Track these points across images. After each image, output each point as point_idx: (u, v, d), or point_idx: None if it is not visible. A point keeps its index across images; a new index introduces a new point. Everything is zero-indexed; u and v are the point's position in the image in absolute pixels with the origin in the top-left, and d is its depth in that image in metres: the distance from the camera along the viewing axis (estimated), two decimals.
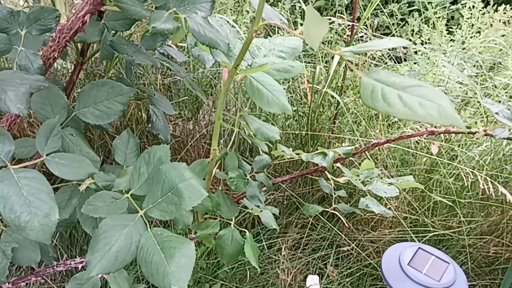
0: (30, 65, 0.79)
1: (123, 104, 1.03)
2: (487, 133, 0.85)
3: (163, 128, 1.35)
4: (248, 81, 0.90)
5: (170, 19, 0.68)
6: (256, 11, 0.69)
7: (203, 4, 0.71)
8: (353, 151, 1.03)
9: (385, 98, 0.60)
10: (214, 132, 0.91)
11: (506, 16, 2.04)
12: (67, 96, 1.20)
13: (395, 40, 0.68)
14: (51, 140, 0.75)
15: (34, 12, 0.78)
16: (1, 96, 0.66)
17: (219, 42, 0.71)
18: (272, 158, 1.09)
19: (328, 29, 0.58)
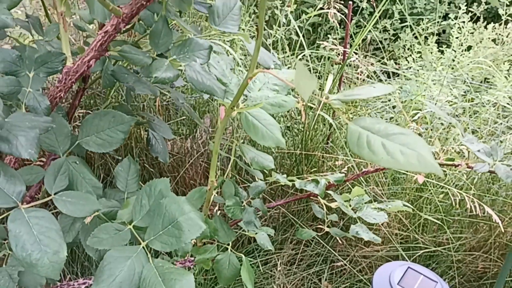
0: (38, 105, 0.84)
1: (125, 133, 1.08)
2: (469, 166, 0.90)
3: (162, 151, 1.39)
4: (244, 116, 0.95)
5: (170, 67, 0.73)
6: (251, 58, 0.74)
7: (202, 52, 0.76)
8: (344, 178, 1.08)
9: (369, 146, 0.65)
10: (212, 164, 0.96)
11: (495, 33, 2.09)
12: (69, 119, 1.25)
13: (380, 88, 0.73)
14: (59, 178, 0.80)
15: (42, 56, 0.83)
16: (13, 142, 0.71)
17: (216, 89, 0.76)
18: (267, 184, 1.14)
19: (316, 84, 0.63)
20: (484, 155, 0.84)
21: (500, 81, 1.78)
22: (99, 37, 0.76)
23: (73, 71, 0.82)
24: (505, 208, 1.54)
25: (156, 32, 0.76)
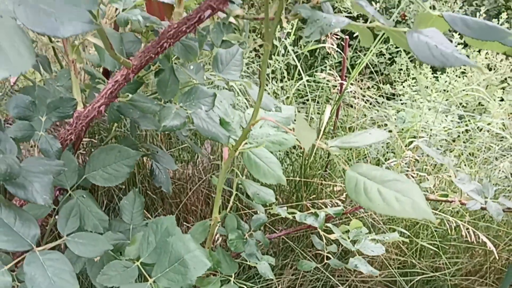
0: (50, 148, 0.88)
1: (130, 167, 1.11)
2: (462, 203, 0.94)
3: (165, 181, 1.43)
4: (246, 155, 0.99)
5: (177, 115, 0.78)
6: (254, 106, 0.78)
7: (207, 99, 0.80)
8: (343, 211, 1.12)
9: (366, 193, 0.69)
10: (216, 201, 1.00)
11: (488, 60, 2.15)
12: (74, 151, 1.29)
13: (375, 135, 0.77)
14: (71, 221, 0.84)
15: (54, 102, 0.87)
16: (28, 188, 0.75)
17: (220, 136, 0.80)
18: (268, 217, 1.17)
19: (316, 135, 0.67)
20: (476, 194, 0.88)
21: (494, 107, 1.83)
22: (109, 86, 0.81)
23: (84, 115, 0.86)
24: (499, 233, 1.58)
25: (163, 81, 0.80)
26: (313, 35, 0.58)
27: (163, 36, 0.73)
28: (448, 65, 0.54)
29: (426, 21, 0.67)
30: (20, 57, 0.46)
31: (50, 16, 0.50)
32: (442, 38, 0.57)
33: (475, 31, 0.60)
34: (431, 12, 0.65)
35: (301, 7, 0.63)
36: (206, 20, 0.70)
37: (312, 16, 0.60)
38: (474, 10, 2.75)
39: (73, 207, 0.86)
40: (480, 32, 0.60)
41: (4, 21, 0.48)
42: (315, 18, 0.59)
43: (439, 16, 0.64)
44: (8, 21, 0.48)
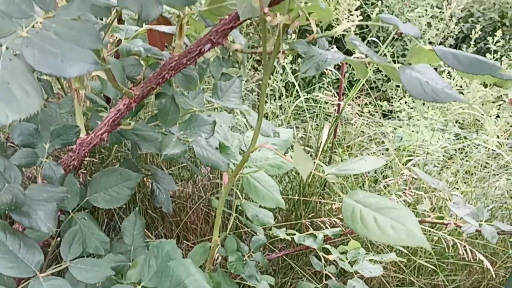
0: (53, 174, 0.90)
1: (131, 189, 1.13)
2: (457, 225, 0.96)
3: (165, 201, 1.45)
4: (246, 178, 1.01)
5: (178, 143, 0.80)
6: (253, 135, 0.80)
7: (206, 127, 0.83)
8: (341, 232, 1.14)
9: (362, 220, 0.71)
10: (216, 224, 1.01)
11: None
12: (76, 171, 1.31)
13: (371, 162, 0.79)
14: (74, 246, 0.85)
15: (57, 129, 0.89)
16: (33, 216, 0.76)
17: (220, 163, 0.82)
18: (268, 238, 1.19)
19: (313, 165, 0.69)
20: (471, 217, 0.90)
21: (490, 124, 1.86)
22: (112, 114, 0.83)
23: (87, 142, 0.88)
24: (496, 250, 1.59)
25: (164, 110, 0.82)
26: (309, 71, 0.60)
27: (164, 67, 0.76)
28: (439, 101, 0.56)
29: (418, 54, 0.69)
30: (29, 99, 0.48)
31: (56, 57, 0.52)
32: (433, 74, 0.59)
33: (466, 66, 0.63)
34: (423, 47, 0.67)
35: (297, 42, 0.66)
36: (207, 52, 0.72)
37: (309, 52, 0.62)
38: (469, 27, 2.78)
39: (76, 233, 0.87)
40: (470, 67, 0.62)
41: (14, 64, 0.50)
42: (311, 54, 0.61)
43: (430, 50, 0.67)
44: (17, 64, 0.50)
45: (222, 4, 0.70)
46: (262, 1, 0.58)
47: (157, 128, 0.84)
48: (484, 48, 2.60)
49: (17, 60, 0.50)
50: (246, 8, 0.61)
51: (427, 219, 1.01)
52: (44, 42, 0.53)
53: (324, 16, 0.72)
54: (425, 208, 1.05)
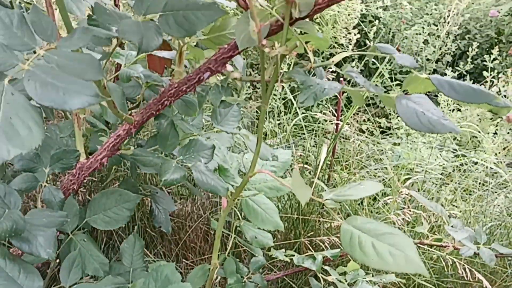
0: (53, 199, 0.90)
1: (130, 210, 1.13)
2: (456, 248, 0.96)
3: (164, 221, 1.45)
4: (245, 201, 1.01)
5: (177, 168, 0.80)
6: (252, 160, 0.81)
7: (205, 151, 0.83)
8: (340, 253, 1.14)
9: (361, 247, 0.71)
10: (215, 247, 1.02)
11: None
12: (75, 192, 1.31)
13: (369, 188, 0.80)
14: (73, 271, 0.86)
15: (58, 153, 0.90)
16: (33, 242, 0.77)
17: (219, 188, 0.82)
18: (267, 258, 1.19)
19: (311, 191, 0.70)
20: (469, 241, 0.90)
21: (488, 142, 1.87)
22: (112, 140, 0.83)
23: (87, 167, 0.89)
24: (496, 269, 1.59)
25: (164, 135, 0.83)
26: (307, 101, 0.61)
27: (164, 94, 0.77)
28: (435, 132, 0.57)
29: (415, 82, 0.70)
30: (30, 134, 0.48)
31: (58, 90, 0.53)
32: (429, 104, 0.60)
33: (461, 95, 0.63)
34: (419, 75, 0.68)
35: (295, 72, 0.67)
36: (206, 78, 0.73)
37: (306, 82, 0.63)
38: (466, 43, 2.81)
39: (75, 258, 0.88)
40: (466, 96, 0.63)
41: (16, 98, 0.51)
42: (308, 84, 0.62)
43: (426, 79, 0.68)
44: (19, 98, 0.51)
45: (221, 33, 0.71)
46: (260, 34, 0.59)
47: (156, 152, 0.85)
48: (481, 64, 2.62)
49: (19, 94, 0.51)
50: (245, 38, 0.62)
51: (425, 241, 1.02)
52: (46, 75, 0.54)
53: (321, 44, 0.73)
54: (423, 230, 1.06)
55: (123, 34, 0.62)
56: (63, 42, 0.61)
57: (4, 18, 0.57)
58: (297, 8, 0.62)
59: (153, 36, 0.64)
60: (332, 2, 0.62)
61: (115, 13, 0.70)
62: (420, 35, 2.65)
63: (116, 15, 0.69)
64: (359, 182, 0.81)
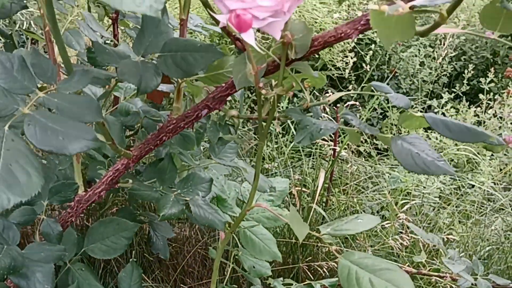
0: (51, 231, 0.90)
1: (128, 239, 1.13)
2: (453, 278, 0.96)
3: (162, 248, 1.45)
4: (242, 231, 1.02)
5: (175, 203, 0.81)
6: (250, 193, 0.82)
7: (203, 185, 0.84)
8: (338, 283, 1.14)
9: (358, 283, 0.72)
10: (213, 278, 1.02)
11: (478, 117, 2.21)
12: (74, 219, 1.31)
13: (366, 222, 0.80)
14: None
15: (56, 186, 0.90)
16: (31, 278, 0.77)
17: (217, 222, 0.83)
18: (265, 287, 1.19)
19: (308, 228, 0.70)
20: (466, 273, 0.91)
21: (484, 165, 1.87)
22: (110, 173, 0.84)
23: (85, 200, 0.89)
24: None
25: (162, 169, 0.84)
26: (304, 141, 0.62)
27: (162, 130, 0.77)
28: (430, 174, 0.58)
29: (410, 119, 0.71)
30: (30, 180, 0.49)
31: (57, 135, 0.54)
32: (424, 145, 0.61)
33: (456, 134, 0.64)
34: (414, 114, 0.69)
35: (292, 110, 0.68)
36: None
37: (303, 121, 0.64)
38: (462, 64, 2.84)
39: None
40: (460, 135, 0.64)
41: (16, 144, 0.51)
42: (305, 124, 0.63)
43: (421, 117, 0.69)
44: (19, 144, 0.51)
45: (219, 72, 0.72)
46: (257, 76, 0.60)
47: (154, 186, 0.86)
48: (477, 85, 2.65)
49: (18, 140, 0.52)
50: (242, 78, 0.63)
51: (423, 271, 1.02)
52: (46, 119, 0.55)
53: (317, 82, 0.74)
54: (422, 260, 1.06)
55: (122, 75, 0.63)
56: (62, 84, 0.61)
57: (5, 62, 0.58)
58: (294, 50, 0.64)
59: (152, 77, 0.65)
60: (327, 45, 0.63)
61: (114, 51, 0.71)
62: (416, 57, 2.67)
63: (116, 54, 0.70)
64: (357, 216, 0.81)
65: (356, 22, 0.61)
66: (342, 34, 0.62)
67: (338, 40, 0.63)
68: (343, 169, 2.06)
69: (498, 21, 0.50)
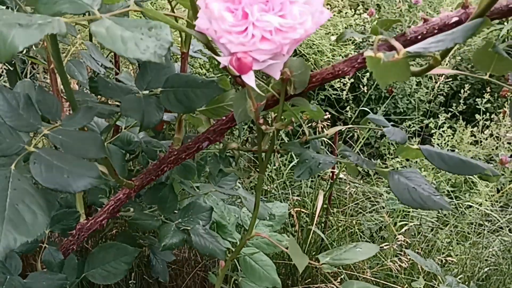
0: (53, 260, 0.91)
1: (128, 264, 1.14)
2: None
3: (162, 271, 1.45)
4: (242, 258, 1.02)
5: (176, 232, 0.82)
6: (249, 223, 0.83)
7: (204, 214, 0.85)
8: None
9: None
10: None
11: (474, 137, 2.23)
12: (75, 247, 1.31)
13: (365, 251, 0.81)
14: None
15: (58, 215, 0.91)
16: None
17: (217, 251, 0.84)
18: None
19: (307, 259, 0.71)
20: None
21: (482, 185, 1.89)
22: (112, 203, 0.85)
23: (86, 228, 0.90)
24: None
25: (163, 198, 0.85)
26: (303, 175, 0.63)
27: (163, 160, 0.79)
28: (426, 209, 0.59)
29: (406, 150, 0.73)
30: (36, 220, 0.50)
31: (62, 173, 0.55)
32: (421, 179, 0.62)
33: (451, 167, 0.66)
34: (410, 146, 0.70)
35: (291, 144, 0.69)
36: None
37: (302, 156, 0.65)
38: (459, 84, 2.86)
39: None
40: (455, 168, 0.66)
41: (21, 184, 0.53)
42: (304, 158, 0.65)
43: (417, 149, 0.70)
44: (25, 184, 0.53)
45: (219, 105, 0.73)
46: (257, 112, 0.62)
47: (155, 216, 0.87)
48: (474, 104, 2.67)
49: (24, 179, 0.53)
50: (242, 113, 0.64)
51: None
52: (51, 156, 0.56)
53: (315, 115, 0.76)
54: (420, 286, 1.07)
55: (125, 111, 0.65)
56: (67, 121, 0.63)
57: (11, 101, 0.60)
58: (292, 86, 0.65)
59: (154, 112, 0.66)
60: (325, 81, 0.65)
61: (117, 86, 0.73)
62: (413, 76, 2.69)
63: (118, 89, 0.72)
64: (355, 244, 0.82)
65: (353, 60, 0.62)
66: (340, 72, 0.63)
67: (336, 77, 0.64)
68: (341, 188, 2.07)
69: (490, 64, 0.52)
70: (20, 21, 0.43)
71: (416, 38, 0.59)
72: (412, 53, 0.46)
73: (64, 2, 0.51)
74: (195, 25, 0.56)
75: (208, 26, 0.54)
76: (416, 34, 0.59)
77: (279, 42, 0.51)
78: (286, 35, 0.51)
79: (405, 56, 0.47)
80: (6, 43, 0.40)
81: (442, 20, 0.58)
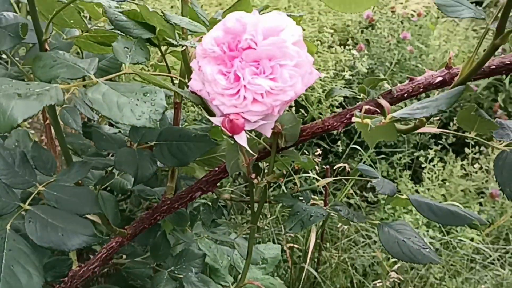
0: None
1: None
2: None
3: None
4: None
5: (169, 281, 0.82)
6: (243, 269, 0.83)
7: (197, 261, 0.85)
8: None
9: None
10: None
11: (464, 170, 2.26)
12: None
13: None
14: None
15: (51, 262, 0.91)
16: None
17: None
18: None
19: None
20: None
21: None
22: (104, 251, 0.85)
23: (79, 275, 0.89)
24: None
25: (156, 245, 0.85)
26: (295, 228, 0.64)
27: (156, 209, 0.79)
28: (416, 262, 0.60)
29: (395, 200, 0.74)
30: (31, 281, 0.51)
31: (57, 231, 0.56)
32: (410, 232, 0.63)
33: (440, 217, 0.67)
34: (400, 196, 0.72)
35: (283, 195, 0.70)
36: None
37: (294, 208, 0.66)
38: (448, 116, 2.90)
39: None
40: (444, 219, 0.67)
41: (17, 244, 0.53)
42: (296, 211, 0.66)
43: (406, 199, 0.72)
44: (20, 244, 0.53)
45: (212, 156, 0.75)
46: (249, 167, 0.63)
47: (147, 262, 0.87)
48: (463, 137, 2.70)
49: (20, 240, 0.54)
50: (234, 165, 0.66)
51: None
52: (46, 214, 0.57)
53: (306, 165, 0.77)
54: None
55: (120, 165, 0.66)
56: (61, 176, 0.64)
57: (7, 158, 0.60)
58: (284, 139, 0.67)
59: (148, 165, 0.68)
60: (315, 135, 0.66)
61: (111, 138, 0.74)
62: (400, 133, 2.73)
63: (113, 141, 0.73)
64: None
65: (342, 116, 0.64)
66: (329, 126, 0.65)
67: (326, 131, 0.66)
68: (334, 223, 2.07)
69: (474, 124, 0.54)
70: (19, 90, 0.45)
71: (402, 95, 0.61)
72: (398, 118, 0.48)
73: (61, 66, 0.52)
74: (188, 84, 0.58)
75: (201, 87, 0.55)
76: (403, 92, 0.61)
77: (270, 104, 0.53)
78: (277, 97, 0.53)
79: (392, 121, 0.49)
80: (5, 115, 0.41)
81: (427, 79, 0.60)
